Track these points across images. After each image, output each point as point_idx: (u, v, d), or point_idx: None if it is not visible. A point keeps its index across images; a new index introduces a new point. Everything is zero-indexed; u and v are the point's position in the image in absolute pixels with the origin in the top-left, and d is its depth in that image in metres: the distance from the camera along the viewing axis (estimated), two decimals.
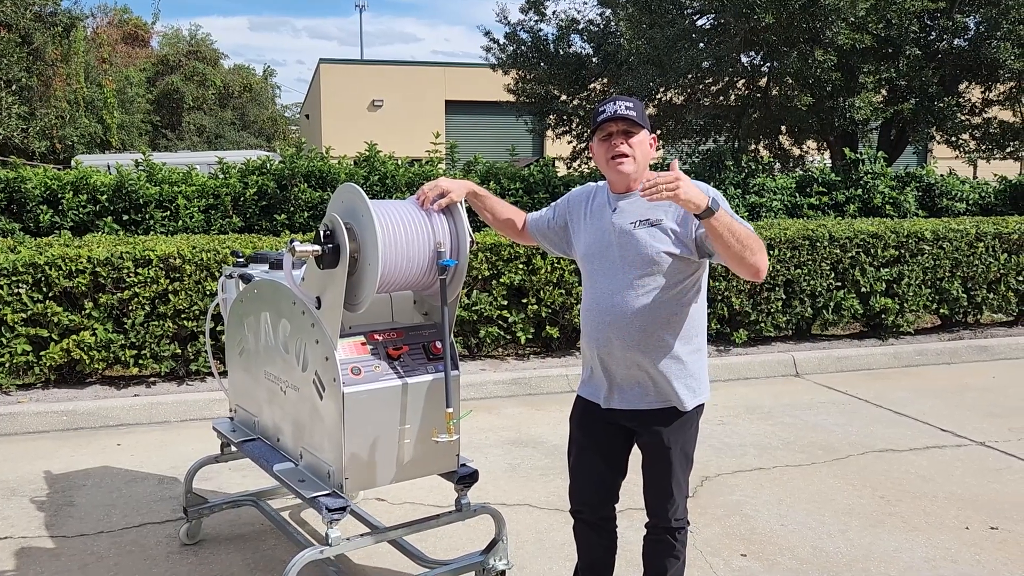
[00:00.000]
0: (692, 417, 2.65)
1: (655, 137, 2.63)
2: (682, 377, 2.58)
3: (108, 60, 27.67)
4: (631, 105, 2.53)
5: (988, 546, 3.63)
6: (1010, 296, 7.73)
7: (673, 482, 2.66)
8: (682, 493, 2.70)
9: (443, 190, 2.78)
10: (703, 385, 2.65)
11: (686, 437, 2.66)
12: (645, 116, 2.58)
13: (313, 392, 2.88)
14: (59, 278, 5.45)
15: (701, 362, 2.64)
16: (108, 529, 3.78)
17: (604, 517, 2.84)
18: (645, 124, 2.55)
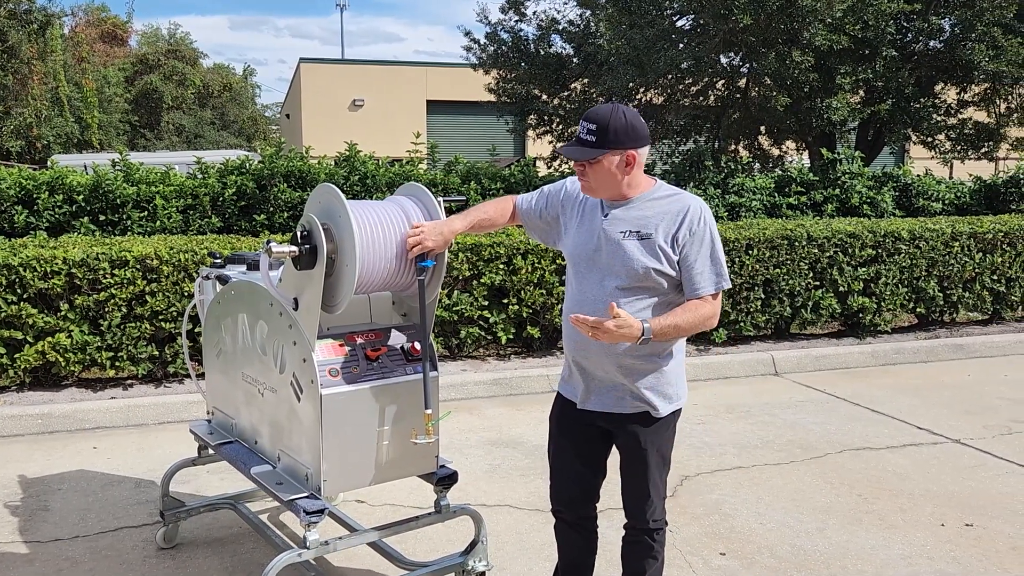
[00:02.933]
0: (669, 420, 2.65)
1: (631, 153, 2.47)
2: (659, 386, 2.58)
3: (86, 59, 27.39)
4: (593, 129, 2.45)
5: (963, 543, 3.67)
6: (985, 295, 7.83)
7: (650, 483, 2.65)
8: (659, 494, 2.70)
9: (426, 248, 2.72)
10: (680, 390, 2.65)
11: (662, 440, 2.66)
12: (612, 135, 2.44)
13: (291, 394, 2.86)
14: (34, 279, 5.38)
15: (679, 368, 2.64)
16: (84, 534, 3.74)
17: (584, 516, 2.83)
18: (607, 148, 2.45)
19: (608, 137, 2.45)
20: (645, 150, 2.53)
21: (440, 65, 25.01)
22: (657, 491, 2.69)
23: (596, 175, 2.51)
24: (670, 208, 2.52)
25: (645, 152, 2.53)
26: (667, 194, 2.57)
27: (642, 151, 2.51)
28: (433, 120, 23.94)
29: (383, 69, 25.10)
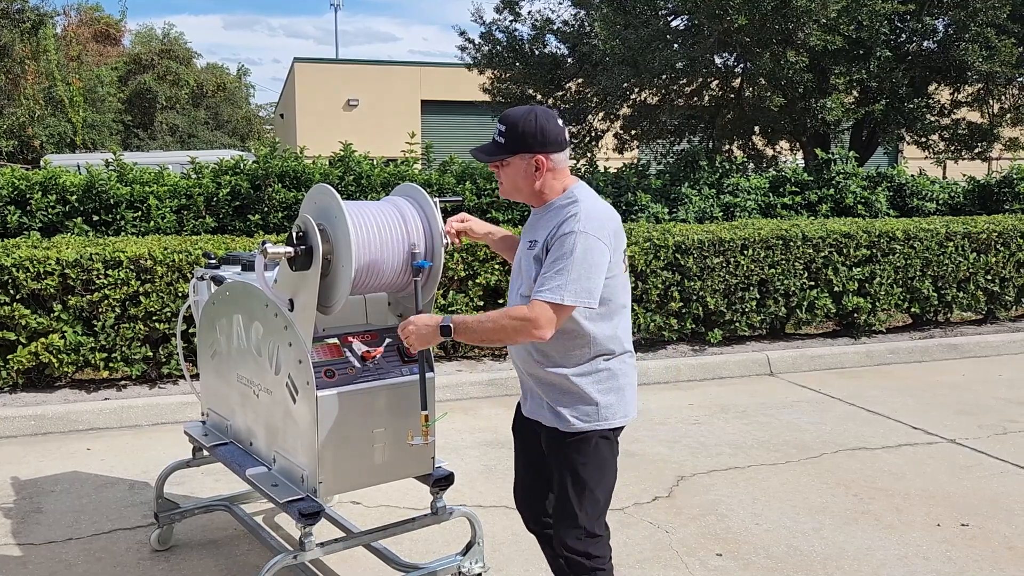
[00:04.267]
0: (587, 440, 2.43)
1: (539, 157, 2.40)
2: (568, 401, 2.42)
3: (78, 58, 27.28)
4: (503, 131, 2.42)
5: (959, 543, 3.68)
6: (979, 295, 7.84)
7: (565, 505, 2.46)
8: (577, 522, 2.44)
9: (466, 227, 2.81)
10: (603, 410, 2.42)
11: (577, 460, 2.44)
12: (521, 138, 2.40)
13: (286, 395, 2.85)
14: (27, 280, 5.35)
15: (604, 385, 2.43)
16: (77, 536, 3.72)
17: (543, 526, 2.69)
18: (516, 151, 2.41)
19: (517, 140, 2.41)
20: (560, 155, 2.44)
21: (435, 65, 24.98)
22: (572, 516, 2.44)
23: (507, 178, 2.48)
24: (559, 215, 2.38)
25: (560, 157, 2.44)
26: (567, 201, 2.41)
27: (555, 156, 2.42)
28: (428, 120, 23.91)
29: (378, 69, 25.05)
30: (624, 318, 2.50)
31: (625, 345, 2.50)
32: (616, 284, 2.43)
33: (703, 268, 6.83)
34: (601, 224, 2.36)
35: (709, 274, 6.84)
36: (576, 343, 2.41)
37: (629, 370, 2.51)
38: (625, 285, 2.50)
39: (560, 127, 2.44)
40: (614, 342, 2.46)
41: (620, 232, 2.46)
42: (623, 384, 2.48)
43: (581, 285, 2.28)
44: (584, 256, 2.28)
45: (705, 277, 6.84)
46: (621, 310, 2.48)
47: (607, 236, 2.36)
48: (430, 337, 2.42)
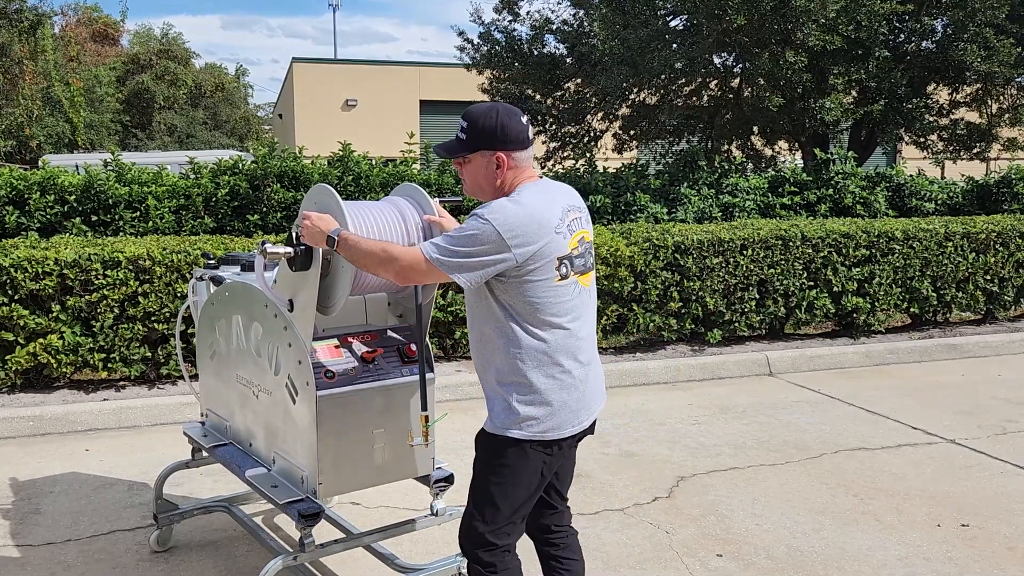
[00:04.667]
0: (494, 442, 2.38)
1: (500, 155, 2.37)
2: (493, 404, 2.39)
3: (77, 58, 27.25)
4: (465, 127, 2.40)
5: (959, 543, 3.67)
6: (978, 295, 7.84)
7: (469, 503, 2.45)
8: (474, 527, 2.41)
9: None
10: (525, 422, 2.33)
11: (482, 458, 2.43)
12: (481, 135, 2.37)
13: (286, 396, 2.84)
14: (25, 280, 5.34)
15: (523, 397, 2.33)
16: (76, 537, 3.71)
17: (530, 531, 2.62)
18: (471, 148, 2.39)
19: (478, 137, 2.39)
20: (521, 153, 2.39)
21: (433, 65, 24.98)
22: (470, 517, 2.42)
23: (469, 176, 2.46)
24: None
25: (521, 155, 2.39)
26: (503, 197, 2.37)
27: (517, 154, 2.38)
28: (426, 120, 23.91)
29: (376, 69, 25.05)
30: (561, 335, 2.34)
31: (562, 362, 2.35)
32: (539, 292, 2.30)
33: (702, 268, 6.82)
34: (509, 222, 2.23)
35: (708, 274, 6.84)
36: (507, 347, 2.34)
37: (557, 387, 2.35)
38: (557, 297, 2.32)
39: (523, 124, 2.40)
40: (546, 355, 2.33)
41: (545, 238, 2.27)
42: (551, 399, 2.34)
43: (455, 260, 2.25)
44: (471, 237, 2.24)
45: (704, 277, 6.83)
46: (554, 326, 2.33)
47: (509, 233, 2.22)
48: (317, 238, 2.50)
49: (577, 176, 8.64)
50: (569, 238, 2.36)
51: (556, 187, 2.45)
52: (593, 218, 7.87)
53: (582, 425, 2.43)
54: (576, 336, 2.39)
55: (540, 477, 2.41)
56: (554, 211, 2.34)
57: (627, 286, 6.60)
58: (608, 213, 7.95)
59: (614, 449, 4.90)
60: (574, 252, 2.37)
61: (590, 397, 2.46)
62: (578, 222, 2.42)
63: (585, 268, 2.42)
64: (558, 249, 2.31)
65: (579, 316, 2.40)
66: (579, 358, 2.40)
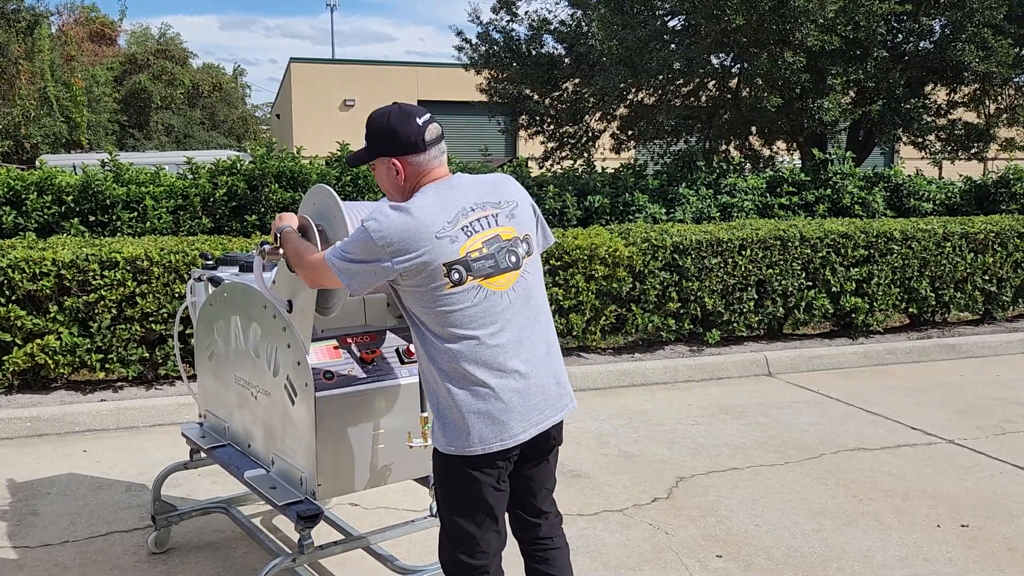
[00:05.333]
0: (438, 461, 2.33)
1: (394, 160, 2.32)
2: (435, 414, 2.32)
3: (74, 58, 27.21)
4: (365, 133, 2.39)
5: (959, 544, 3.67)
6: (976, 295, 7.85)
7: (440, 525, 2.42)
8: (448, 550, 2.36)
9: None
10: (444, 435, 2.27)
11: (438, 482, 2.37)
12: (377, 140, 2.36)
13: (285, 397, 2.83)
14: (22, 281, 5.32)
15: (440, 410, 2.28)
16: (73, 538, 3.69)
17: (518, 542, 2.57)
18: (372, 155, 2.37)
19: (375, 143, 2.35)
20: (419, 157, 2.29)
21: (431, 65, 24.97)
22: (442, 536, 2.38)
23: (379, 181, 2.41)
24: None
25: (420, 159, 2.30)
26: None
27: (413, 159, 2.29)
28: None
29: (374, 69, 25.04)
30: (470, 344, 2.22)
31: (475, 373, 2.22)
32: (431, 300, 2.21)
33: (701, 268, 6.82)
34: (383, 229, 2.17)
35: (707, 274, 6.83)
36: (425, 358, 2.28)
37: (474, 399, 2.23)
38: (459, 305, 2.21)
39: (416, 126, 2.29)
40: (458, 366, 2.23)
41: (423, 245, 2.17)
42: (468, 413, 2.23)
43: (343, 265, 2.24)
44: (354, 243, 2.23)
45: (703, 277, 6.83)
46: (460, 335, 2.22)
47: (382, 241, 2.17)
48: (273, 232, 2.59)
49: (575, 176, 8.64)
50: (464, 241, 2.21)
51: (467, 184, 2.32)
52: (591, 218, 7.86)
53: (515, 439, 2.26)
54: (490, 344, 2.23)
55: (491, 491, 2.29)
56: (440, 216, 2.21)
57: (625, 286, 6.60)
58: (606, 213, 7.95)
59: (613, 450, 4.90)
60: (472, 255, 2.21)
61: (526, 408, 2.28)
62: (486, 221, 2.26)
63: (496, 270, 2.25)
64: (443, 255, 2.18)
65: (493, 322, 2.24)
66: (500, 368, 2.24)
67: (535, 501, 2.49)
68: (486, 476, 2.29)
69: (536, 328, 2.34)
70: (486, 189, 2.34)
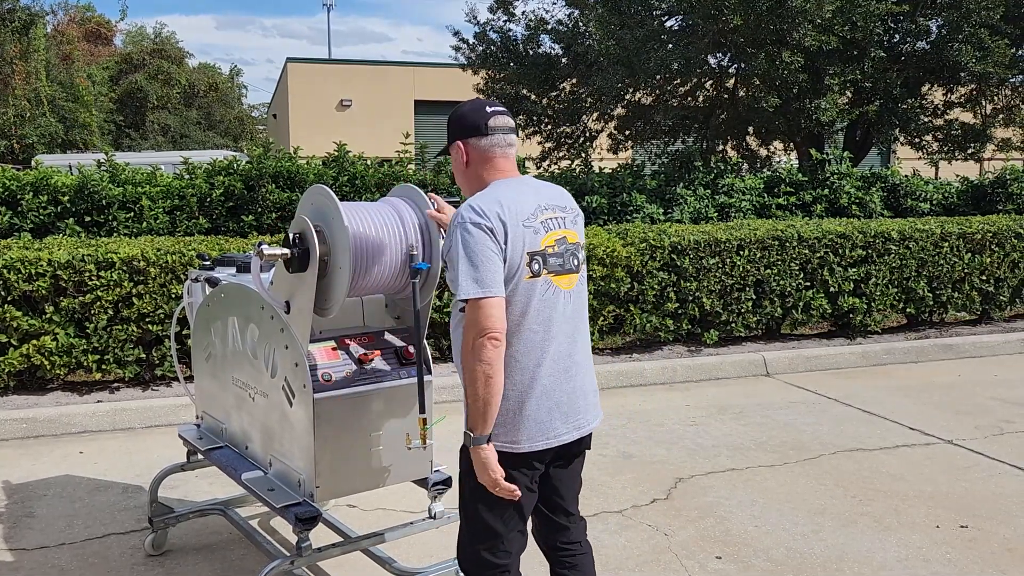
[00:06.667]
0: (468, 455, 2.29)
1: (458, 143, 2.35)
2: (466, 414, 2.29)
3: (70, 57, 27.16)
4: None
5: (959, 544, 3.66)
6: (974, 295, 7.85)
7: (460, 522, 2.41)
8: (470, 548, 2.34)
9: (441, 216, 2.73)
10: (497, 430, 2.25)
11: (461, 474, 2.36)
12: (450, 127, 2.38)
13: (283, 399, 2.81)
14: (18, 282, 5.30)
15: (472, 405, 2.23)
16: (70, 540, 3.67)
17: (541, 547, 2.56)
18: (449, 142, 2.40)
19: (448, 130, 2.39)
20: (482, 141, 2.30)
21: (428, 65, 24.94)
22: (464, 534, 2.36)
23: (453, 170, 2.44)
24: None
25: (482, 143, 2.30)
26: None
27: (475, 142, 2.31)
28: (421, 120, 23.86)
29: (371, 69, 25.00)
30: (528, 339, 2.22)
31: (529, 368, 2.23)
32: (510, 288, 2.18)
33: (699, 269, 6.81)
34: (480, 211, 2.15)
35: (705, 275, 6.83)
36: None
37: (526, 396, 2.23)
38: (530, 297, 2.20)
39: (485, 112, 2.31)
40: (511, 360, 2.21)
41: (515, 228, 2.18)
42: (517, 409, 2.23)
43: (471, 276, 2.12)
44: (463, 247, 2.14)
45: (701, 278, 6.82)
46: (520, 328, 2.20)
47: (486, 220, 2.14)
48: (479, 462, 2.23)
49: (573, 176, 8.62)
50: (543, 234, 2.24)
51: (535, 185, 2.35)
52: (589, 219, 7.85)
53: (559, 440, 2.28)
54: (548, 341, 2.24)
55: (525, 491, 2.29)
56: (525, 206, 2.23)
57: (624, 287, 6.59)
58: (604, 213, 7.94)
59: (612, 450, 4.89)
60: (548, 250, 2.24)
61: (570, 409, 2.30)
62: (557, 222, 2.30)
63: (563, 269, 2.28)
64: (528, 243, 2.20)
65: (552, 320, 2.25)
66: (554, 366, 2.26)
67: (564, 503, 2.49)
68: (523, 475, 2.29)
69: (582, 332, 2.38)
70: (552, 193, 2.38)
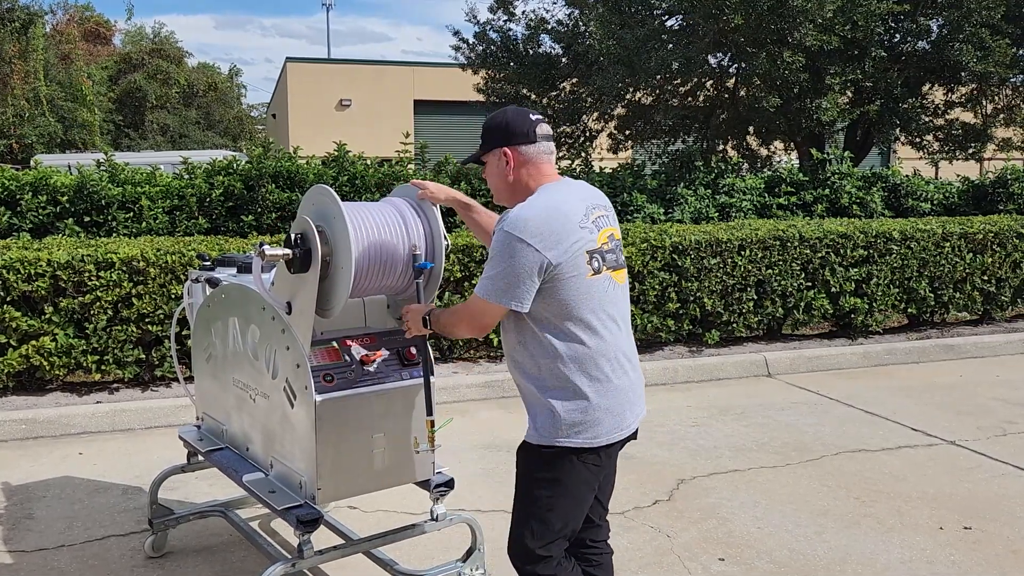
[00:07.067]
0: (535, 452, 2.33)
1: (505, 149, 2.36)
2: (534, 413, 2.33)
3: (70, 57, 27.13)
4: (481, 132, 2.43)
5: (962, 546, 3.65)
6: (975, 295, 7.83)
7: (516, 517, 2.40)
8: (524, 543, 2.33)
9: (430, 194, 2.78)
10: (568, 429, 2.27)
11: (524, 468, 2.39)
12: (490, 134, 2.40)
13: (284, 400, 2.79)
14: (17, 282, 5.28)
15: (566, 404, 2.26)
16: (69, 543, 3.65)
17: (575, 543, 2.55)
18: (485, 149, 2.41)
19: (488, 137, 2.41)
20: (530, 148, 2.35)
21: (428, 65, 24.92)
22: (520, 529, 2.35)
23: (488, 180, 2.46)
24: None
25: (530, 150, 2.35)
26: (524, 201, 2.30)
27: (524, 149, 2.34)
28: (421, 120, 23.83)
29: (370, 69, 24.97)
30: (598, 334, 2.27)
31: (602, 364, 2.28)
32: (572, 290, 2.23)
33: (700, 269, 6.79)
34: (528, 225, 2.18)
35: (706, 275, 6.81)
36: (539, 352, 2.28)
37: (602, 390, 2.28)
38: (591, 294, 2.25)
39: (529, 120, 2.37)
40: (586, 357, 2.26)
41: (571, 232, 2.21)
42: (595, 404, 2.28)
43: (497, 285, 2.22)
44: (501, 256, 2.21)
45: (702, 278, 6.80)
46: (590, 325, 2.26)
47: (532, 236, 2.17)
48: (419, 325, 2.52)
49: (573, 176, 8.59)
50: (597, 232, 2.29)
51: (579, 186, 2.41)
52: None
53: (629, 429, 2.37)
54: (615, 335, 2.32)
55: (589, 487, 2.36)
56: (577, 207, 2.28)
57: None
58: None
59: None
60: (604, 247, 2.31)
61: (634, 398, 2.38)
62: (604, 219, 2.36)
63: (618, 264, 2.36)
64: (586, 243, 2.26)
65: (615, 315, 2.33)
66: (619, 359, 2.33)
67: (602, 500, 2.54)
68: (600, 468, 2.36)
69: (630, 326, 2.44)
70: (593, 192, 2.43)
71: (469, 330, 2.37)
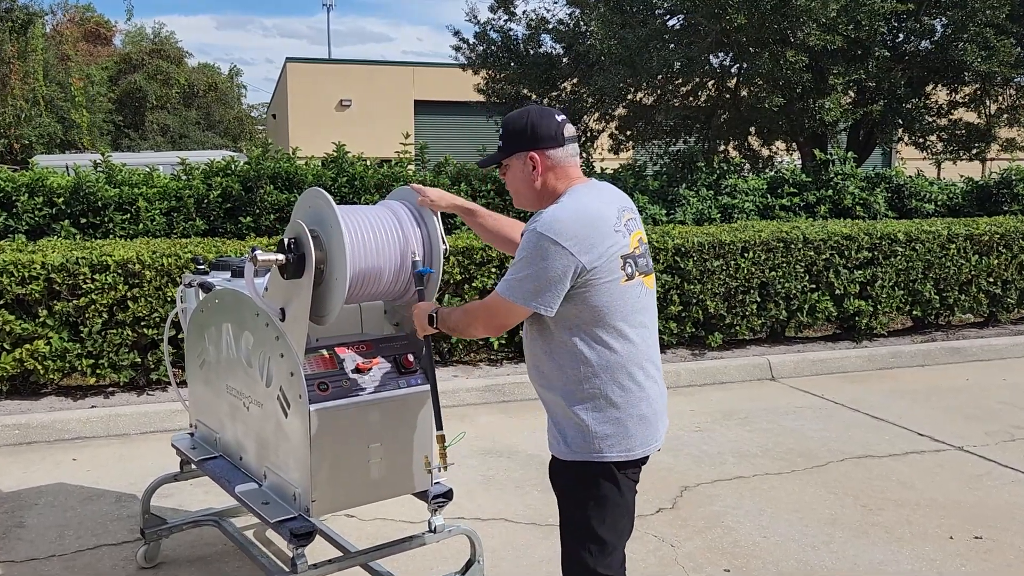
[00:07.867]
0: (571, 470, 2.24)
1: (532, 153, 2.27)
2: (563, 428, 2.24)
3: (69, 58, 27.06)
4: (500, 133, 2.33)
5: (973, 556, 3.57)
6: (981, 298, 7.75)
7: (565, 540, 2.30)
8: (579, 558, 2.24)
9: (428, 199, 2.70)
10: (600, 442, 2.19)
11: (563, 489, 2.29)
12: (514, 137, 2.30)
13: (277, 408, 2.72)
14: (11, 285, 5.20)
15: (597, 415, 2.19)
16: (61, 552, 3.58)
17: None
18: (507, 153, 2.31)
19: (511, 140, 2.30)
20: (558, 151, 2.26)
21: (428, 65, 24.85)
22: (578, 554, 2.24)
23: (510, 184, 2.36)
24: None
25: (558, 154, 2.26)
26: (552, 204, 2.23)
27: (552, 152, 2.26)
28: (421, 120, 23.76)
29: (370, 69, 24.91)
30: (630, 342, 2.20)
31: (634, 372, 2.21)
32: (606, 296, 2.15)
33: (703, 271, 6.71)
34: (563, 227, 2.10)
35: (709, 277, 6.73)
36: (567, 361, 2.20)
37: (634, 400, 2.21)
38: (625, 300, 2.18)
39: (556, 122, 2.28)
40: (618, 366, 2.19)
41: (606, 236, 2.14)
42: (628, 414, 2.21)
43: (525, 286, 2.13)
44: (533, 258, 2.12)
45: (705, 280, 6.73)
46: (622, 333, 2.19)
47: (567, 239, 2.09)
48: (425, 324, 2.45)
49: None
50: (628, 237, 2.22)
51: (607, 188, 2.33)
52: None
53: (661, 440, 2.30)
54: (646, 342, 2.26)
55: (633, 492, 2.29)
56: (609, 210, 2.21)
57: None
58: None
59: None
60: (636, 251, 2.23)
61: (662, 408, 2.32)
62: (633, 222, 2.28)
63: (648, 269, 2.29)
64: (620, 247, 2.18)
65: (646, 322, 2.27)
66: (648, 368, 2.27)
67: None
68: (636, 476, 2.30)
69: (657, 334, 2.37)
70: (621, 195, 2.35)
71: (485, 330, 2.30)
